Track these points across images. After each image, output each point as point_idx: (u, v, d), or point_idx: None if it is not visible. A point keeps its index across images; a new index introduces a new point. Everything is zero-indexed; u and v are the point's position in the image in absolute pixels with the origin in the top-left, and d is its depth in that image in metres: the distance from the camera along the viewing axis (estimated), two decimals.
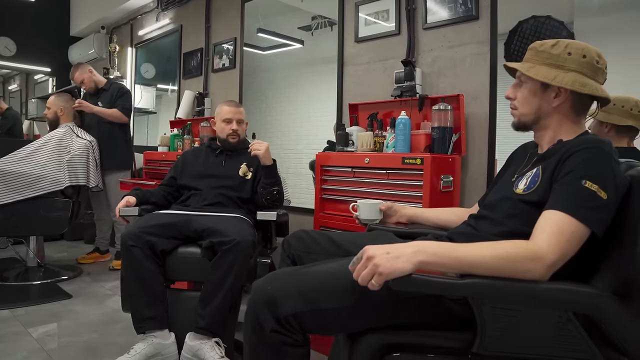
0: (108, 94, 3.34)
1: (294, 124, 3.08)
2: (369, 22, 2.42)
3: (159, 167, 3.22)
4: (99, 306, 2.62)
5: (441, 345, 0.96)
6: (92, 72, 3.40)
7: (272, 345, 0.91)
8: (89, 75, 3.36)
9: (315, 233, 1.35)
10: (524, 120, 1.14)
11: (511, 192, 1.09)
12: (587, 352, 0.91)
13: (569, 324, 0.90)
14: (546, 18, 1.93)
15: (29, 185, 2.86)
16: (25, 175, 2.86)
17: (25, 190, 2.85)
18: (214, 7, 3.57)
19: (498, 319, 0.91)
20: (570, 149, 0.99)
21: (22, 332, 2.19)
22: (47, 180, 2.90)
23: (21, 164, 2.88)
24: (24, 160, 2.90)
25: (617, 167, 0.96)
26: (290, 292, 0.92)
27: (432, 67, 2.14)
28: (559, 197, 0.94)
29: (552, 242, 0.87)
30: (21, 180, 2.85)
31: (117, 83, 3.56)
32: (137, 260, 1.73)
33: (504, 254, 0.85)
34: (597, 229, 0.91)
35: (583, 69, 1.05)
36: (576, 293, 0.88)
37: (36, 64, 5.39)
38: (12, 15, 5.00)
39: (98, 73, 3.52)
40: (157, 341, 1.71)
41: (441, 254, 0.85)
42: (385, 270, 0.82)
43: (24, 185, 2.85)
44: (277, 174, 2.07)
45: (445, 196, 1.82)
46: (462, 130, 1.92)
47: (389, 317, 0.95)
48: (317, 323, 0.93)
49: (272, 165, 2.03)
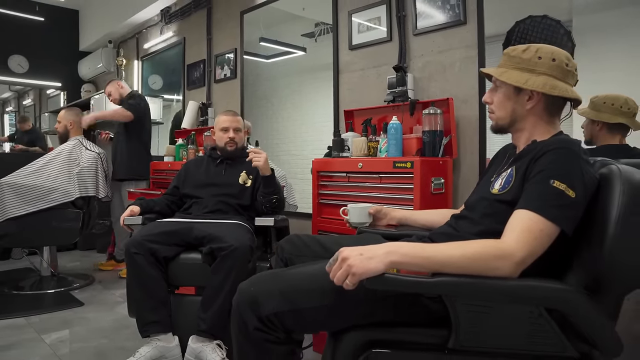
0: (126, 103, 3.44)
1: (300, 129, 3.13)
2: (362, 29, 2.48)
3: (165, 176, 3.31)
4: (109, 313, 2.70)
5: (419, 341, 1.01)
6: (120, 85, 3.54)
7: (255, 342, 0.97)
8: (115, 87, 3.50)
9: (306, 237, 1.41)
10: (501, 124, 1.18)
11: (488, 192, 1.13)
12: (559, 345, 0.95)
13: (541, 319, 0.94)
14: (542, 17, 1.96)
15: (41, 198, 2.96)
16: (37, 188, 2.97)
17: (37, 202, 2.95)
18: (215, 19, 3.67)
19: (471, 316, 0.95)
20: (541, 150, 1.03)
21: (36, 339, 2.28)
22: (58, 192, 3.01)
23: (33, 177, 2.99)
24: (36, 173, 3.01)
25: (585, 167, 0.99)
26: (272, 292, 0.97)
27: (423, 72, 2.19)
28: (528, 197, 0.98)
29: (520, 240, 0.91)
30: (33, 192, 2.96)
31: (136, 92, 3.65)
32: (140, 267, 1.81)
33: (471, 253, 0.90)
34: (566, 226, 0.94)
35: (553, 72, 1.09)
36: (546, 289, 0.92)
37: (48, 80, 5.57)
38: (24, 34, 5.19)
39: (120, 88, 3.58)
40: (162, 344, 1.78)
41: (412, 254, 0.90)
42: (358, 271, 0.87)
43: (36, 198, 2.96)
44: (276, 182, 2.12)
45: (437, 198, 1.86)
46: (453, 133, 1.96)
47: (369, 316, 1.00)
48: (297, 322, 0.98)
49: (270, 175, 2.09)
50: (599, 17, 1.94)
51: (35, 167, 3.04)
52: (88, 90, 5.54)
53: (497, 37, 1.99)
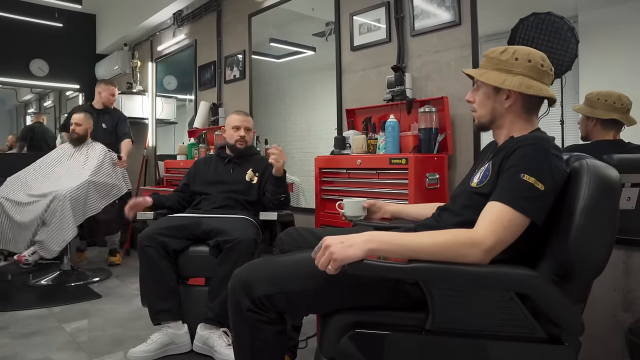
0: (110, 118, 3.81)
1: (313, 128, 3.19)
2: (363, 31, 2.56)
3: (177, 174, 3.46)
4: (125, 305, 2.85)
5: (399, 323, 1.09)
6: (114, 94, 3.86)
7: (249, 323, 1.07)
8: (106, 95, 3.83)
9: (303, 230, 1.51)
10: (482, 121, 1.26)
11: (468, 185, 1.21)
12: (529, 327, 1.03)
13: (512, 302, 1.02)
14: (547, 14, 2.00)
15: (108, 193, 3.34)
16: (105, 185, 3.32)
17: (109, 198, 3.34)
18: (224, 22, 3.78)
19: (446, 299, 1.03)
20: (514, 146, 1.10)
21: (57, 328, 2.44)
22: (117, 187, 3.40)
23: (101, 176, 3.32)
24: (100, 173, 3.32)
25: (555, 161, 1.06)
26: (262, 277, 1.08)
27: (421, 72, 2.26)
28: (500, 190, 1.06)
29: (489, 229, 0.99)
30: (104, 189, 3.32)
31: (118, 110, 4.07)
32: (152, 259, 1.93)
33: (442, 241, 0.98)
34: (535, 217, 1.02)
35: (529, 72, 1.16)
36: (513, 275, 1.00)
37: (66, 82, 5.78)
38: (44, 39, 5.40)
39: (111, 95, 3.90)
40: (172, 331, 1.91)
41: (387, 242, 0.99)
42: (339, 257, 0.96)
43: (107, 194, 3.33)
44: (286, 183, 2.23)
45: (432, 193, 1.94)
46: (448, 130, 2.04)
47: (353, 299, 1.09)
48: (286, 304, 1.08)
49: (282, 176, 2.18)
50: (604, 12, 1.95)
51: (92, 165, 3.32)
52: None
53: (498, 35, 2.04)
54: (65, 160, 3.40)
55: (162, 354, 1.87)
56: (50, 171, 3.33)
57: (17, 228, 3.00)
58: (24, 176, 3.28)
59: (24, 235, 2.98)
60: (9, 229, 3.01)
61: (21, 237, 2.98)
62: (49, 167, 3.36)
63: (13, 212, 3.00)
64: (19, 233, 3.00)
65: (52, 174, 3.30)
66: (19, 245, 2.99)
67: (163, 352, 1.87)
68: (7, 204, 3.04)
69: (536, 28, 1.98)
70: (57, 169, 3.35)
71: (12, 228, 3.01)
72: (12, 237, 3.00)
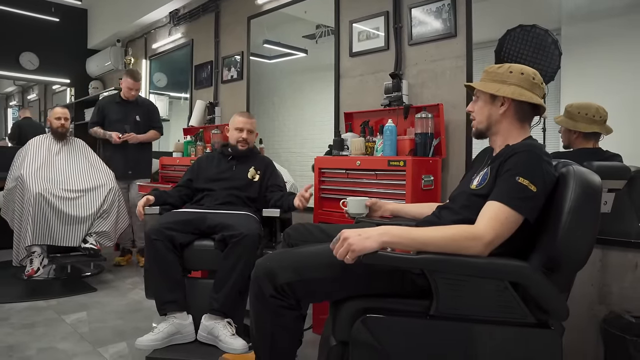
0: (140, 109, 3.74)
1: (300, 128, 3.28)
2: (362, 38, 2.68)
3: (173, 171, 3.52)
4: (121, 298, 2.90)
5: (406, 309, 1.21)
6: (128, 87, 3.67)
7: (271, 308, 1.18)
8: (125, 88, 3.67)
9: (309, 225, 1.62)
10: (480, 127, 1.39)
11: (468, 187, 1.34)
12: (520, 313, 1.16)
13: (506, 291, 1.15)
14: (532, 27, 2.14)
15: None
16: None
17: None
18: (223, 23, 3.86)
19: (448, 287, 1.16)
20: (510, 152, 1.24)
21: (57, 319, 2.48)
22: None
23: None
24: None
25: (546, 167, 1.20)
26: (285, 266, 1.18)
27: (417, 79, 2.40)
28: (498, 191, 1.19)
29: (488, 225, 1.13)
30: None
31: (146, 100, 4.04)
32: (160, 252, 2.01)
33: (449, 235, 1.11)
34: (528, 215, 1.15)
35: (522, 83, 1.30)
36: (507, 266, 1.13)
37: (57, 76, 5.75)
38: (35, 32, 5.36)
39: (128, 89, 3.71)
40: (178, 321, 1.98)
41: (400, 235, 1.11)
42: (356, 248, 1.08)
43: None
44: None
45: (427, 193, 2.07)
46: (442, 135, 2.17)
47: (365, 287, 1.21)
48: (306, 291, 1.19)
49: None
50: (585, 27, 2.10)
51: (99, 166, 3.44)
52: (95, 87, 5.71)
53: (488, 43, 2.17)
54: (63, 155, 3.35)
55: (168, 343, 1.94)
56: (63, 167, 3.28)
57: (71, 222, 3.02)
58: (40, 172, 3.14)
59: (79, 229, 3.05)
60: (60, 224, 2.99)
61: (75, 231, 3.04)
62: (55, 164, 3.27)
63: (64, 207, 3.01)
64: (73, 227, 3.03)
65: (67, 170, 3.27)
66: (73, 239, 3.03)
67: (169, 342, 1.94)
68: (53, 200, 3.00)
69: (522, 39, 2.11)
70: (65, 164, 3.30)
71: (64, 223, 3.01)
72: (64, 232, 3.01)
